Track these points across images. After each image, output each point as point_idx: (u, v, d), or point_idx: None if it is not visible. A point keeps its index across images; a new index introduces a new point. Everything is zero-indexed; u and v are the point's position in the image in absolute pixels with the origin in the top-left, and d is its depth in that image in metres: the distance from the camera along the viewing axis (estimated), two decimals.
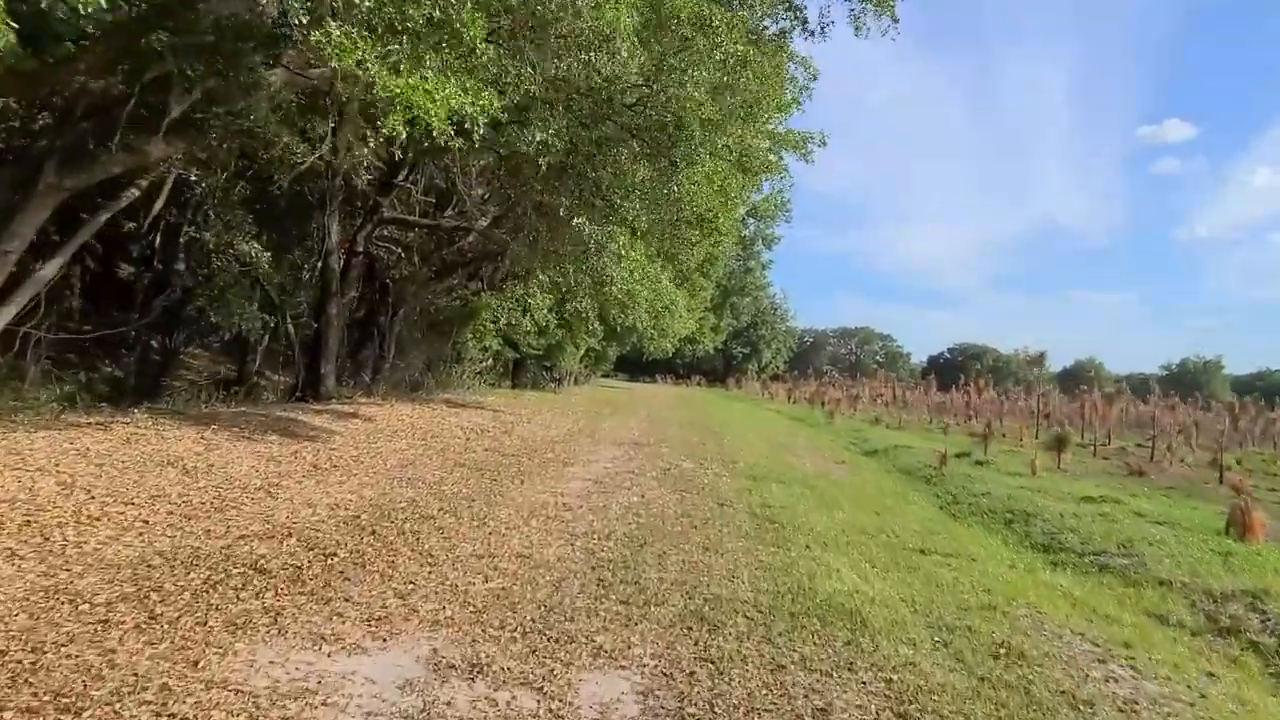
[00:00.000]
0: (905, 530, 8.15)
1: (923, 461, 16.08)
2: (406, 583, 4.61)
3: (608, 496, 8.38)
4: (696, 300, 29.60)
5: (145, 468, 6.68)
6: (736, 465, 12.35)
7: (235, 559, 4.61)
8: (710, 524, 7.43)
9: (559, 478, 9.44)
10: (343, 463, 8.54)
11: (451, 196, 18.70)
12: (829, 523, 8.09)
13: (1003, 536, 9.31)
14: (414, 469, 8.81)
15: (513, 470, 9.58)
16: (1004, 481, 13.46)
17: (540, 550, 5.73)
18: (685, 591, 5.09)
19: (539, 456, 11.17)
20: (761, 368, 77.95)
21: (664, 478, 10.26)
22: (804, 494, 9.94)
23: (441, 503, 7.02)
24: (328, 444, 9.68)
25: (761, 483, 10.58)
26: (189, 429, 8.86)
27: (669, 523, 7.27)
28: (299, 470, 7.75)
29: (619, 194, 9.81)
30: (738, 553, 6.36)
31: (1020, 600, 5.68)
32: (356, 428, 11.67)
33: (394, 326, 19.35)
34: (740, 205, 13.15)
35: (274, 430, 10.02)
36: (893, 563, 6.57)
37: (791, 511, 8.50)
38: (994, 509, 10.85)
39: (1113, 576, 7.34)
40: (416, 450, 10.37)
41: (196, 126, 8.82)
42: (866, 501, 10.03)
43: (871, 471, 14.43)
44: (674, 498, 8.77)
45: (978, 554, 7.39)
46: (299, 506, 6.19)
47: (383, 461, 9.03)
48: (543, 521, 6.72)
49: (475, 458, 10.33)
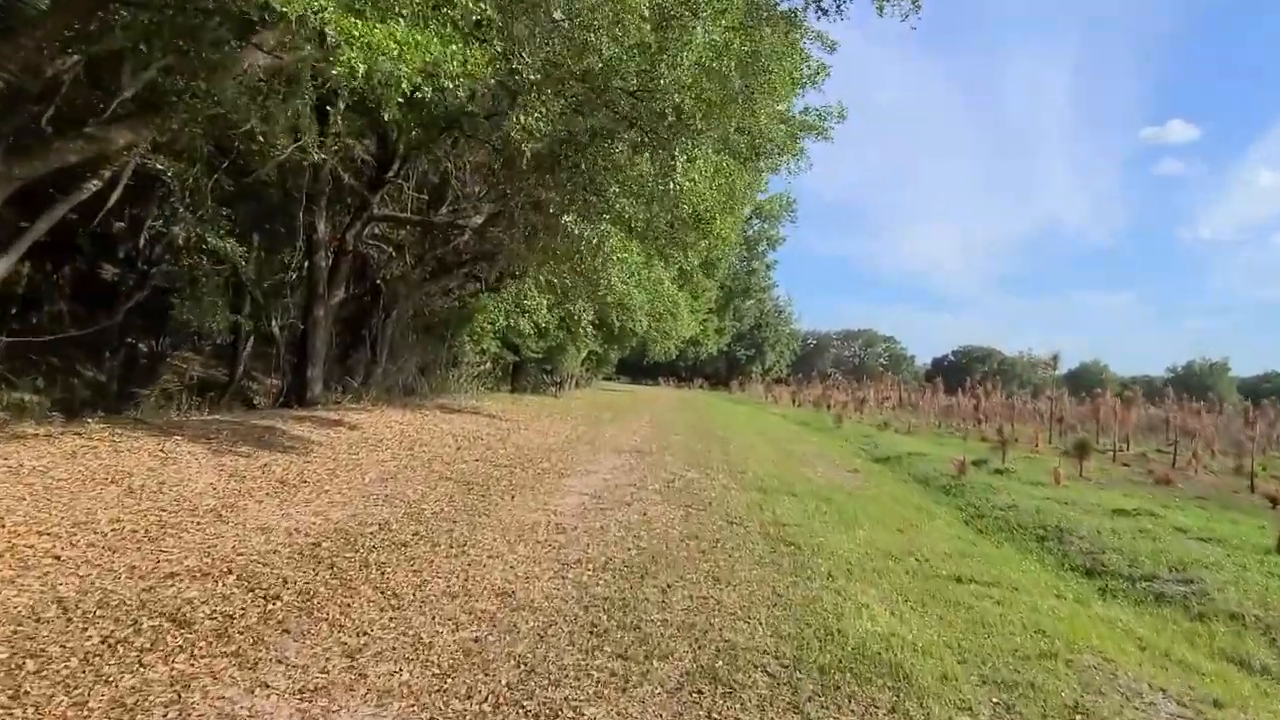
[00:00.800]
0: (934, 552, 7.36)
1: (939, 470, 15.29)
2: (359, 634, 3.84)
3: (606, 514, 7.60)
4: (699, 302, 28.80)
5: (82, 487, 5.92)
6: (744, 475, 11.58)
7: (153, 606, 3.84)
8: (720, 547, 6.65)
9: (554, 491, 8.67)
10: (315, 478, 7.77)
11: (446, 193, 17.98)
12: (850, 544, 7.32)
13: (1038, 557, 8.52)
14: (394, 484, 8.04)
15: (504, 484, 8.81)
16: (1027, 492, 12.66)
17: (525, 585, 4.95)
18: (694, 638, 4.32)
19: (534, 467, 10.40)
20: (765, 370, 77.12)
21: (667, 491, 9.49)
22: (819, 508, 9.16)
23: (418, 526, 6.25)
24: (303, 456, 8.92)
25: (772, 496, 9.81)
26: (149, 440, 8.10)
27: (674, 546, 6.50)
28: (263, 487, 6.99)
29: (613, 188, 9.02)
30: (752, 584, 5.59)
31: (1082, 644, 4.90)
32: (338, 437, 10.92)
33: (386, 329, 18.60)
34: (745, 204, 12.34)
35: (247, 440, 9.27)
36: (928, 594, 5.79)
37: (808, 530, 7.73)
38: (1023, 524, 10.06)
39: (1174, 608, 6.55)
40: (401, 462, 9.61)
41: (158, 109, 8.07)
42: (887, 517, 9.25)
43: (887, 481, 13.64)
44: (679, 514, 7.99)
45: (1019, 581, 6.60)
46: (251, 533, 5.42)
47: (360, 476, 8.26)
48: (531, 548, 5.95)
49: (464, 469, 9.57)
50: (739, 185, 10.66)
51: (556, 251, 10.51)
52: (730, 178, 9.78)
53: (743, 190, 11.20)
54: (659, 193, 9.19)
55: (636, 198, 9.15)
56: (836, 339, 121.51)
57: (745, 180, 11.21)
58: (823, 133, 12.38)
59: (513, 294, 18.52)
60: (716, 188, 9.51)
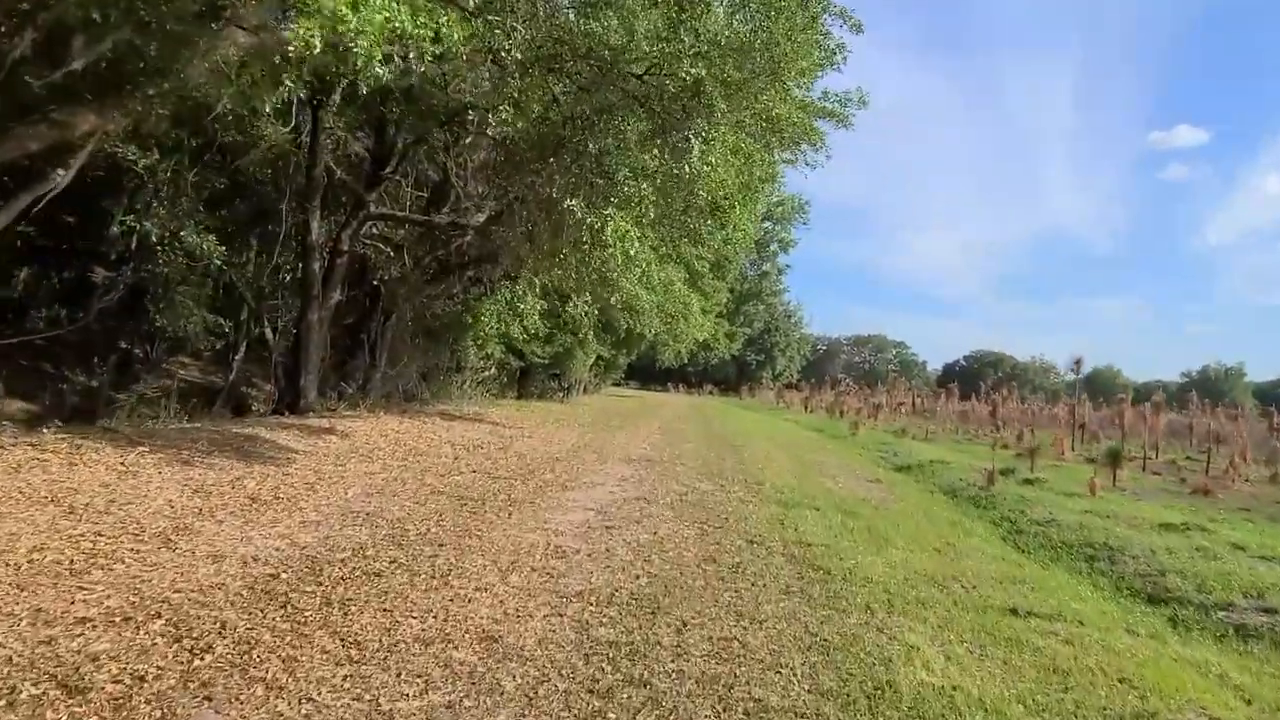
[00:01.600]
0: (980, 577, 6.57)
1: (965, 480, 14.44)
2: (302, 700, 3.08)
3: (612, 534, 6.84)
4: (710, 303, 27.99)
5: (13, 507, 5.20)
6: (762, 487, 10.80)
7: (44, 665, 3.09)
8: (741, 573, 5.88)
9: (556, 507, 7.91)
10: (291, 493, 7.03)
11: (447, 191, 17.29)
12: (885, 567, 6.53)
13: (1091, 580, 7.69)
14: (379, 500, 7.30)
15: (501, 498, 8.05)
16: (1063, 504, 11.81)
17: (516, 626, 4.19)
18: (717, 696, 3.55)
19: (536, 479, 9.65)
20: (775, 376, 76.20)
21: (680, 505, 8.72)
22: (846, 525, 8.37)
23: (398, 550, 5.50)
24: (283, 468, 8.19)
25: (794, 510, 9.03)
26: (111, 452, 7.40)
27: (689, 573, 5.73)
28: (229, 505, 6.26)
29: (623, 171, 8.26)
30: (781, 620, 4.81)
31: (1178, 696, 4.11)
32: (327, 446, 10.20)
33: (385, 333, 17.90)
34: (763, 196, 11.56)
35: (224, 451, 8.56)
36: (984, 632, 5.00)
37: (836, 551, 6.95)
38: (1067, 541, 9.23)
39: (1262, 644, 5.74)
40: (390, 474, 8.87)
41: (118, 89, 7.37)
42: (920, 534, 8.44)
43: (912, 492, 12.82)
44: (693, 533, 7.23)
45: (1082, 613, 5.80)
46: (199, 562, 4.68)
47: (343, 490, 7.52)
48: (526, 576, 5.19)
49: (459, 482, 8.82)
50: (757, 172, 9.88)
51: (560, 244, 9.70)
52: (749, 160, 9.01)
53: (761, 178, 10.38)
54: (673, 177, 8.43)
55: (648, 181, 8.38)
56: (847, 344, 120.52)
57: (765, 166, 10.42)
58: (843, 119, 11.61)
59: (506, 297, 17.75)
60: (735, 172, 8.73)
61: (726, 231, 9.28)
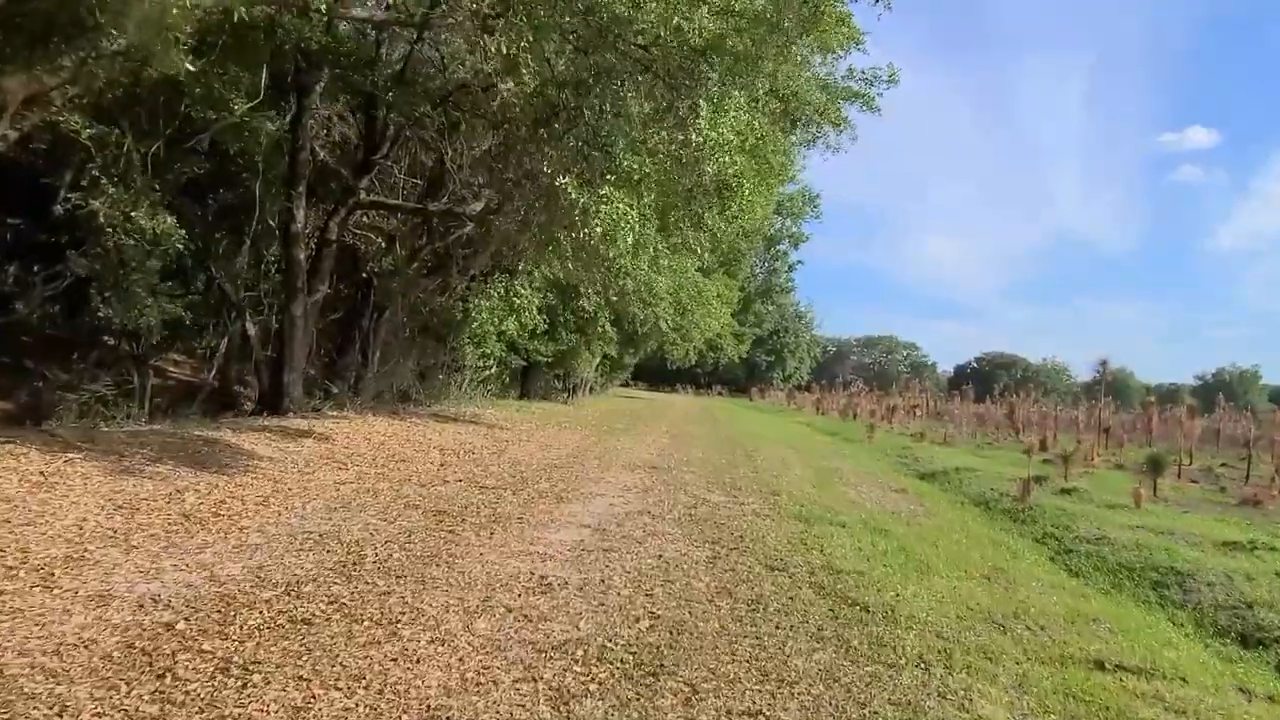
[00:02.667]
0: (1045, 614, 5.53)
1: (995, 489, 13.38)
2: None
3: (610, 558, 5.84)
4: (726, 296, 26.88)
5: None
6: (778, 498, 9.78)
7: None
8: (763, 611, 4.87)
9: (547, 523, 6.91)
10: (236, 509, 6.06)
11: (443, 179, 16.31)
12: (931, 601, 5.51)
13: (1166, 614, 6.65)
14: (341, 515, 6.32)
15: (485, 513, 7.06)
16: (1109, 519, 10.73)
17: (472, 701, 3.19)
18: None
19: (528, 489, 8.66)
20: (786, 377, 75.09)
21: (689, 521, 7.71)
22: (877, 545, 7.33)
23: (345, 584, 4.50)
24: (238, 477, 7.22)
25: (817, 526, 8.00)
26: (38, 458, 6.44)
27: (700, 612, 4.72)
28: (154, 525, 5.28)
29: (621, 143, 7.23)
30: (816, 682, 3.80)
31: None
32: (300, 451, 9.23)
33: (378, 330, 16.93)
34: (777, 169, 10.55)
35: (175, 457, 7.59)
36: (1071, 696, 3.98)
37: (871, 580, 5.92)
38: (1126, 564, 8.17)
39: None
40: (364, 484, 7.90)
41: (46, 46, 6.42)
42: (963, 557, 7.41)
43: (942, 505, 11.76)
44: (704, 556, 6.22)
45: (1179, 664, 4.76)
46: (78, 606, 3.70)
47: (301, 505, 6.54)
48: (498, 621, 4.18)
49: (440, 494, 7.83)
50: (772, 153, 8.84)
51: (554, 229, 8.63)
52: (761, 138, 7.99)
53: (776, 161, 9.28)
54: (677, 151, 7.41)
55: (650, 157, 7.36)
56: (857, 345, 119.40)
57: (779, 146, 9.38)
58: (868, 101, 10.58)
59: (501, 290, 16.73)
60: (747, 150, 7.70)
61: (734, 209, 8.19)
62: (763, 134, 8.18)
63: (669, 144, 7.30)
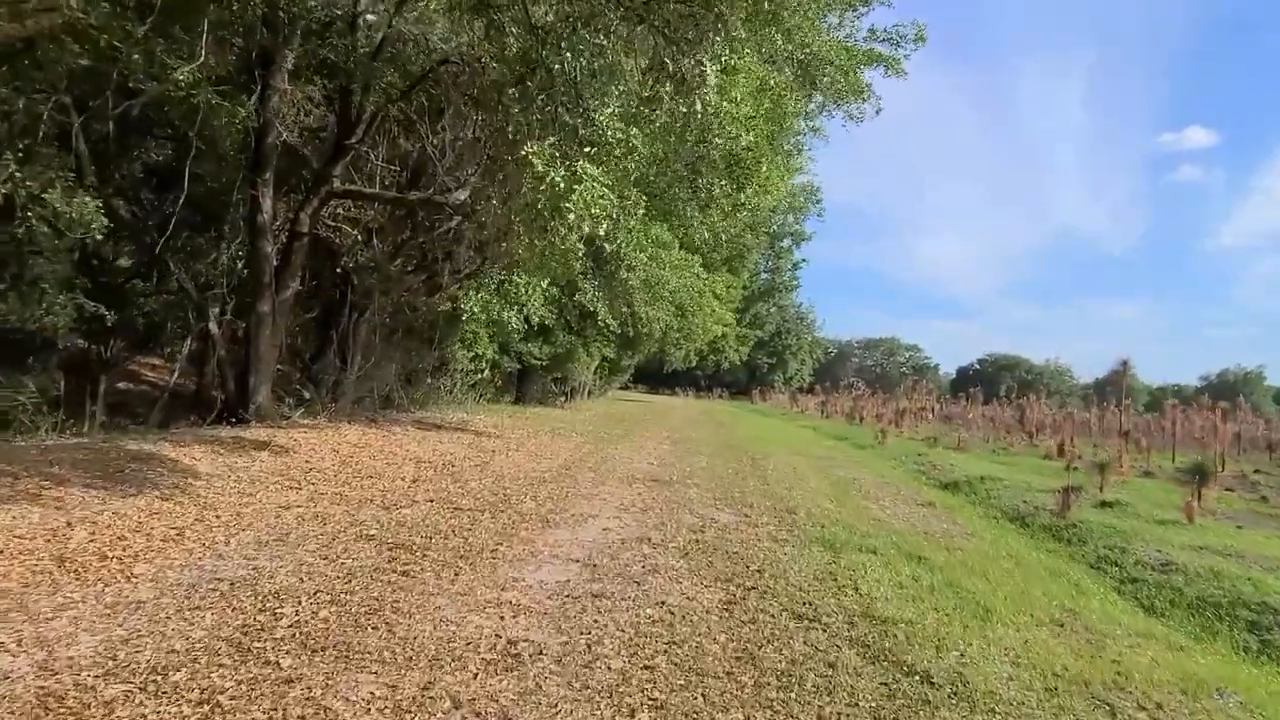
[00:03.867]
0: (1153, 682, 4.34)
1: (1029, 502, 12.19)
2: None
3: (600, 607, 4.66)
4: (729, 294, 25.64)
5: None
6: (795, 516, 8.62)
7: None
8: (798, 689, 3.70)
9: (527, 557, 5.74)
10: (134, 549, 4.87)
11: (425, 168, 15.13)
12: (1008, 666, 4.34)
13: None
14: (272, 552, 5.14)
15: (453, 544, 5.89)
16: (1165, 538, 9.54)
17: None
18: None
19: (509, 510, 7.49)
20: (787, 379, 73.92)
21: (695, 550, 6.54)
22: (920, 580, 6.16)
23: (234, 670, 3.31)
24: (157, 504, 6.04)
25: (845, 555, 6.83)
26: None
27: (716, 696, 3.54)
28: (8, 576, 4.10)
29: (607, 109, 5.99)
30: None
31: None
32: (250, 467, 8.06)
33: (358, 330, 15.73)
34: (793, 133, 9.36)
35: (87, 477, 6.41)
36: None
37: (926, 633, 4.75)
38: (1208, 599, 6.98)
39: None
40: (316, 506, 6.72)
41: None
42: (1022, 594, 6.22)
43: (976, 521, 10.57)
44: (716, 602, 5.05)
45: None
46: None
47: (224, 539, 5.36)
48: None
49: (404, 519, 6.66)
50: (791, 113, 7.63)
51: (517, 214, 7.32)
52: (779, 101, 6.80)
53: (792, 112, 8.03)
54: (678, 122, 6.22)
55: (644, 125, 6.15)
56: (858, 347, 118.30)
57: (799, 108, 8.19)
58: (893, 64, 9.41)
59: (496, 281, 15.53)
60: (762, 115, 6.50)
61: (751, 189, 6.97)
62: (781, 92, 6.98)
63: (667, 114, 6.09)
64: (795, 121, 8.35)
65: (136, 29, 8.21)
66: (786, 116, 7.65)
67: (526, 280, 13.46)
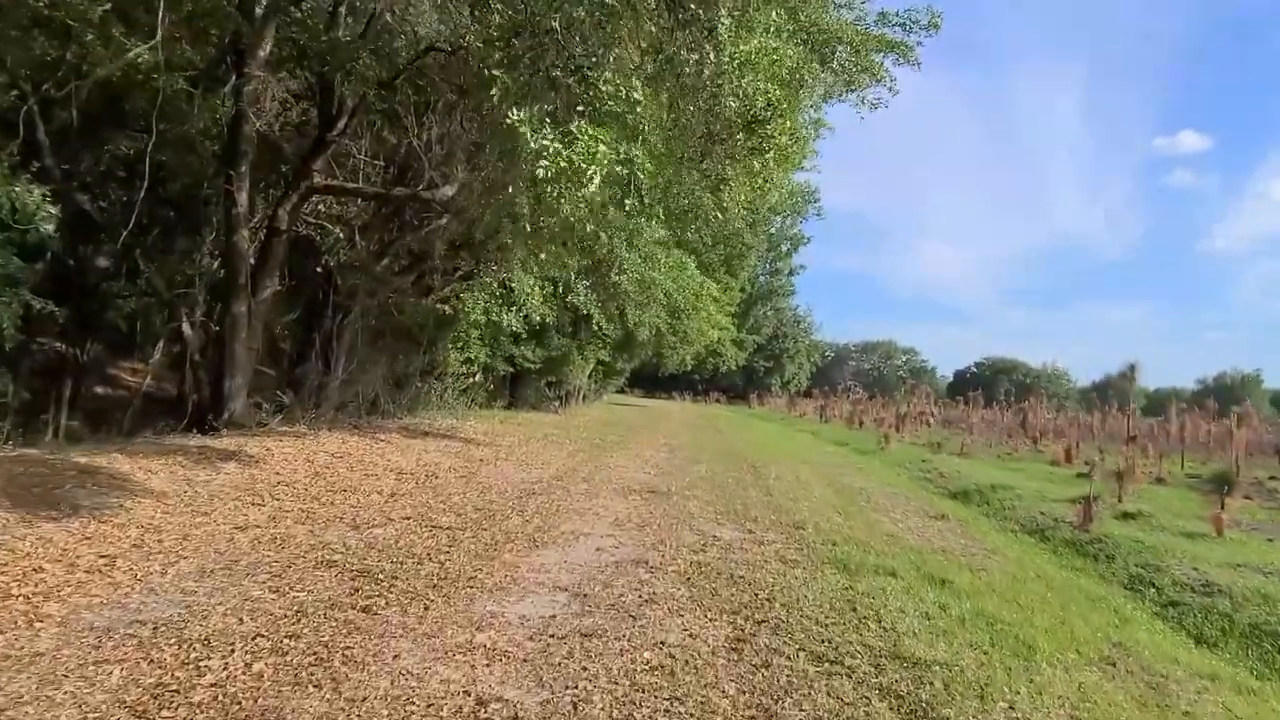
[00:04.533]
0: None
1: (1046, 514, 11.55)
2: None
3: (589, 654, 4.01)
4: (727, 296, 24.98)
5: None
6: (804, 533, 7.96)
7: None
8: None
9: (508, 585, 5.09)
10: (49, 584, 4.21)
11: (411, 163, 14.48)
12: (1059, 715, 3.71)
13: None
14: (212, 585, 4.48)
15: (426, 572, 5.23)
16: (1199, 555, 8.90)
17: None
18: None
19: (493, 528, 6.84)
20: (785, 383, 73.32)
21: (698, 574, 5.89)
22: (948, 608, 5.51)
23: None
24: (90, 527, 5.38)
25: (863, 579, 6.18)
26: None
27: None
28: None
29: (605, 73, 5.32)
30: None
31: None
32: (211, 481, 7.39)
33: (342, 332, 15.06)
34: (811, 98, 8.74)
35: (19, 496, 5.74)
36: None
37: (964, 677, 4.11)
38: (1263, 627, 6.35)
39: None
40: (279, 526, 6.07)
41: None
42: (1063, 625, 5.58)
43: (994, 536, 9.93)
44: (722, 640, 4.41)
45: None
46: None
47: (161, 568, 4.70)
48: None
49: (374, 541, 6.00)
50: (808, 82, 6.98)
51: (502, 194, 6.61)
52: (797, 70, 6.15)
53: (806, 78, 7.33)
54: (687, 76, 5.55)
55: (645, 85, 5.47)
56: (855, 351, 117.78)
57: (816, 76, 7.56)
58: (905, 52, 8.81)
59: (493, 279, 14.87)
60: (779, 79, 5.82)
61: (774, 152, 6.28)
62: (798, 63, 6.32)
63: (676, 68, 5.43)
64: (806, 99, 7.74)
65: (93, 11, 7.58)
66: (803, 86, 7.02)
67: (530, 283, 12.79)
